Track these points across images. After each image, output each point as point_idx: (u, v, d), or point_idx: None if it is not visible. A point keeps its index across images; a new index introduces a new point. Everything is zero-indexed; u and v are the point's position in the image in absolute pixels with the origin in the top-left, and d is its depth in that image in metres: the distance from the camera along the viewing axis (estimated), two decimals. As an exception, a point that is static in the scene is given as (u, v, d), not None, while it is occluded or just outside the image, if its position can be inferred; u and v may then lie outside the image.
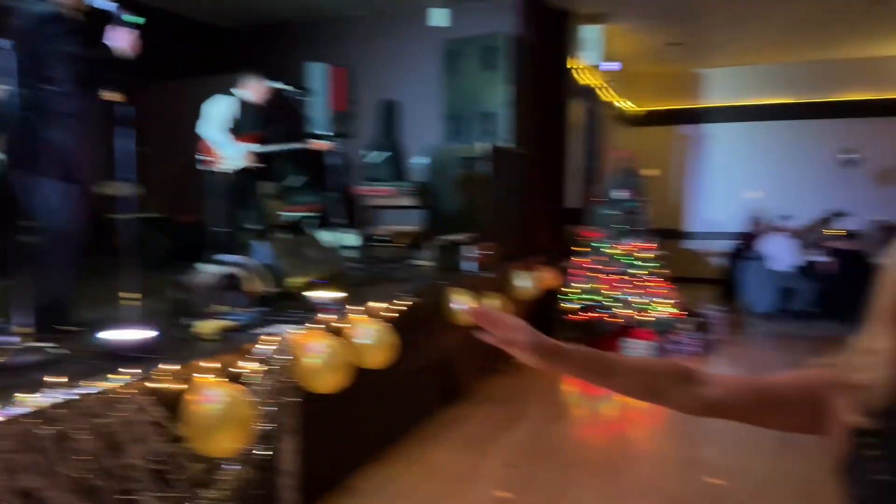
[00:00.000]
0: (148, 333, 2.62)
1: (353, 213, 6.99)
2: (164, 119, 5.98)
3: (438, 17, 6.65)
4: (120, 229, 3.57)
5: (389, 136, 7.80)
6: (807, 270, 7.88)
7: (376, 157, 7.75)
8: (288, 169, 5.87)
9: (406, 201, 7.74)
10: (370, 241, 6.82)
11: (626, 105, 10.72)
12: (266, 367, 2.91)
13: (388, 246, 7.42)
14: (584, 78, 8.33)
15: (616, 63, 8.41)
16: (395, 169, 7.79)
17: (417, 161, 6.79)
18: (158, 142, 5.45)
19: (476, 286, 5.02)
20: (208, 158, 5.14)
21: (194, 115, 5.13)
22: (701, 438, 4.37)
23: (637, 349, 6.33)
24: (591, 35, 7.85)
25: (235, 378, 2.73)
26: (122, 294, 3.06)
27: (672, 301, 6.64)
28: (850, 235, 8.29)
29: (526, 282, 5.91)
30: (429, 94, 7.36)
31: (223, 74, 5.57)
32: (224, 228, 4.96)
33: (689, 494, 3.54)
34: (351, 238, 6.13)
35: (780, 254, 8.07)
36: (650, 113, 11.03)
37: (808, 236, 8.45)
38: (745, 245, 8.69)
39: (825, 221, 8.87)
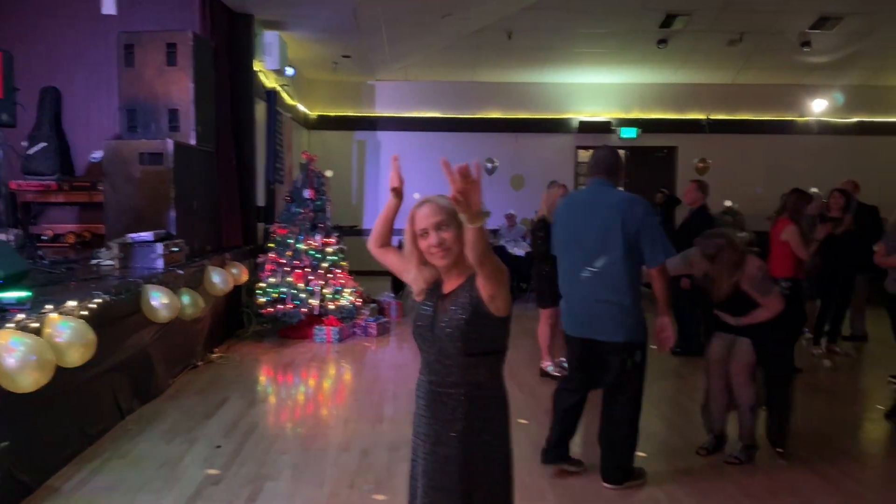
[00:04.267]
0: None
1: (13, 210, 6.33)
2: None
3: (108, 6, 6.37)
4: None
5: (54, 126, 7.16)
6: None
7: (38, 148, 7.06)
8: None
9: (76, 197, 7.21)
10: (35, 239, 6.27)
11: (307, 110, 11.28)
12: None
13: (60, 245, 6.88)
14: (268, 81, 8.64)
15: (292, 69, 8.88)
16: (61, 162, 7.19)
17: (93, 155, 6.42)
18: None
19: (166, 283, 5.04)
20: None
21: None
22: (384, 401, 5.07)
23: (325, 335, 6.90)
24: (271, 40, 8.20)
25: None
26: None
27: (354, 290, 7.35)
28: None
29: (218, 277, 6.04)
30: (103, 85, 6.99)
31: None
32: None
33: (379, 445, 4.17)
34: (12, 236, 5.60)
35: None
36: (328, 118, 11.76)
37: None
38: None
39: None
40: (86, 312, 3.79)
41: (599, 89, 11.92)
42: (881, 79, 11.55)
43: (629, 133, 11.89)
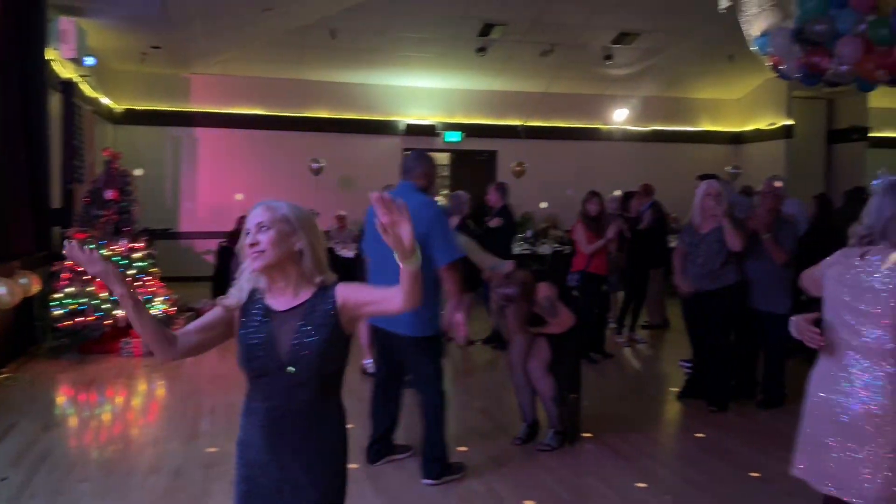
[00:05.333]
0: None
1: None
2: None
3: None
4: None
5: None
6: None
7: None
8: None
9: None
10: None
11: (111, 103, 10.40)
12: None
13: None
14: (64, 71, 7.85)
15: (93, 58, 8.13)
16: None
17: None
18: None
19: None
20: None
21: None
22: (200, 416, 4.78)
23: (133, 348, 6.40)
24: (67, 27, 7.45)
25: None
26: None
27: (167, 299, 6.88)
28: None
29: (3, 289, 5.39)
30: None
31: None
32: None
33: (192, 464, 3.92)
34: None
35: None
36: (137, 112, 10.92)
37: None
38: (233, 243, 9.39)
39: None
40: None
41: (425, 93, 12.13)
42: (673, 91, 12.82)
43: (454, 137, 12.22)
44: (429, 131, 12.11)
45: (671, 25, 10.01)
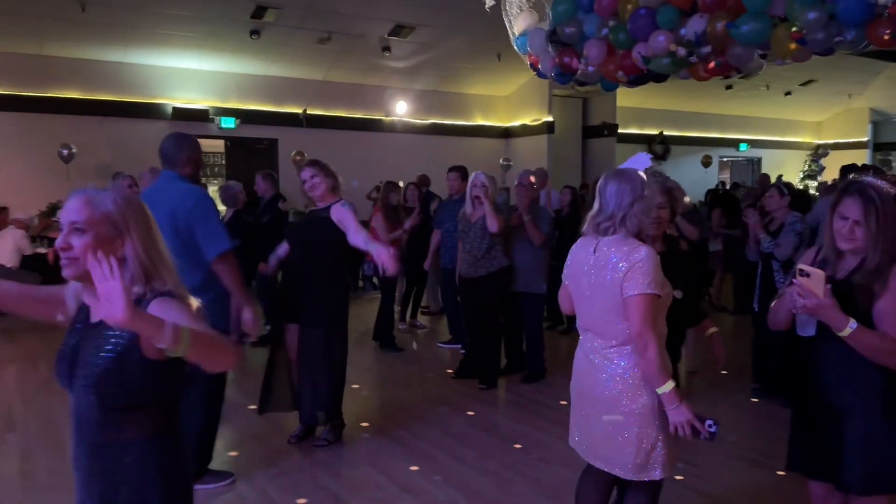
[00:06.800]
0: None
1: None
2: None
3: None
4: None
5: None
6: (31, 262, 7.96)
7: None
8: None
9: None
10: None
11: None
12: None
13: None
14: None
15: None
16: None
17: None
18: None
19: None
20: None
21: None
22: None
23: None
24: None
25: None
26: None
27: None
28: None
29: None
30: None
31: None
32: None
33: None
34: None
35: (7, 247, 7.88)
36: None
37: (33, 228, 8.53)
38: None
39: (50, 213, 9.17)
40: None
41: (194, 75, 11.32)
42: (446, 86, 13.29)
43: (228, 123, 11.59)
44: (201, 116, 11.35)
45: (443, 21, 10.34)
